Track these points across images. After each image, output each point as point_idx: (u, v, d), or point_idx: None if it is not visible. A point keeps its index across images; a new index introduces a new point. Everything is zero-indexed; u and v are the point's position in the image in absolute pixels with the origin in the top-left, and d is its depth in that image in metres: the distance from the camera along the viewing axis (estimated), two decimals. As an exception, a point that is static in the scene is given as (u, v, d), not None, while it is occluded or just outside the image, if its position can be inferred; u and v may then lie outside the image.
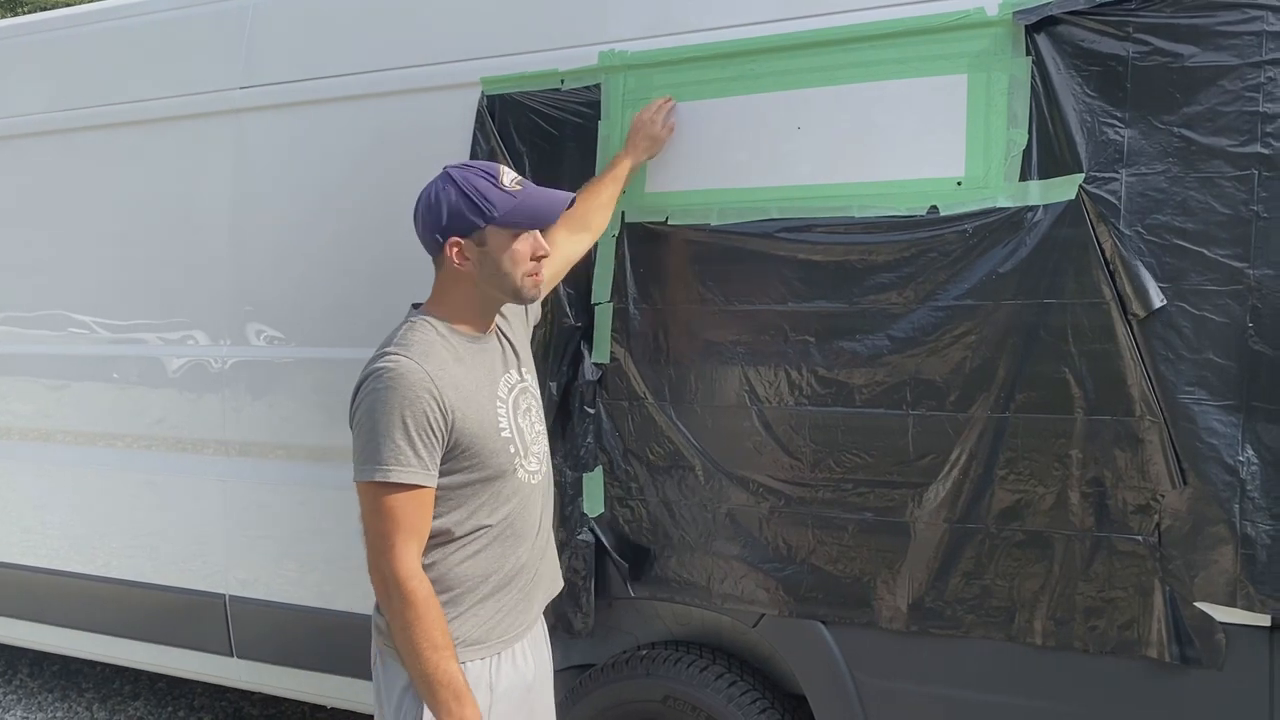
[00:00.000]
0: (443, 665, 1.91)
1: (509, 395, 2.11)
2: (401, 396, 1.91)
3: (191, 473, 3.38)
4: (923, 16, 2.34)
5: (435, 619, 1.92)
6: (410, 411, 1.91)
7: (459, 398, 1.97)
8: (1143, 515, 2.16)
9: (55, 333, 3.66)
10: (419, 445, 1.91)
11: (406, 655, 1.93)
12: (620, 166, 2.53)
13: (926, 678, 2.40)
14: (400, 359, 1.95)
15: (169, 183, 3.39)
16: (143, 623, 3.56)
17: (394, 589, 1.91)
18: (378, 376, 1.94)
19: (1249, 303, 2.06)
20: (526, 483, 2.12)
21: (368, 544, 1.95)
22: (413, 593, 1.90)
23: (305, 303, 3.16)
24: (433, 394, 1.93)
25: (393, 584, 1.91)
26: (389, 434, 1.90)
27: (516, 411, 2.12)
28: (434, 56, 2.92)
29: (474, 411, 2.00)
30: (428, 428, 1.92)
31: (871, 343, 2.37)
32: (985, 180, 2.29)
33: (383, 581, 1.92)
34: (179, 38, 3.41)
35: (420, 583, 1.92)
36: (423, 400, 1.92)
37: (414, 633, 1.90)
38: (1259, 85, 2.07)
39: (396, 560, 1.90)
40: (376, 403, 1.92)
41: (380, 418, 1.91)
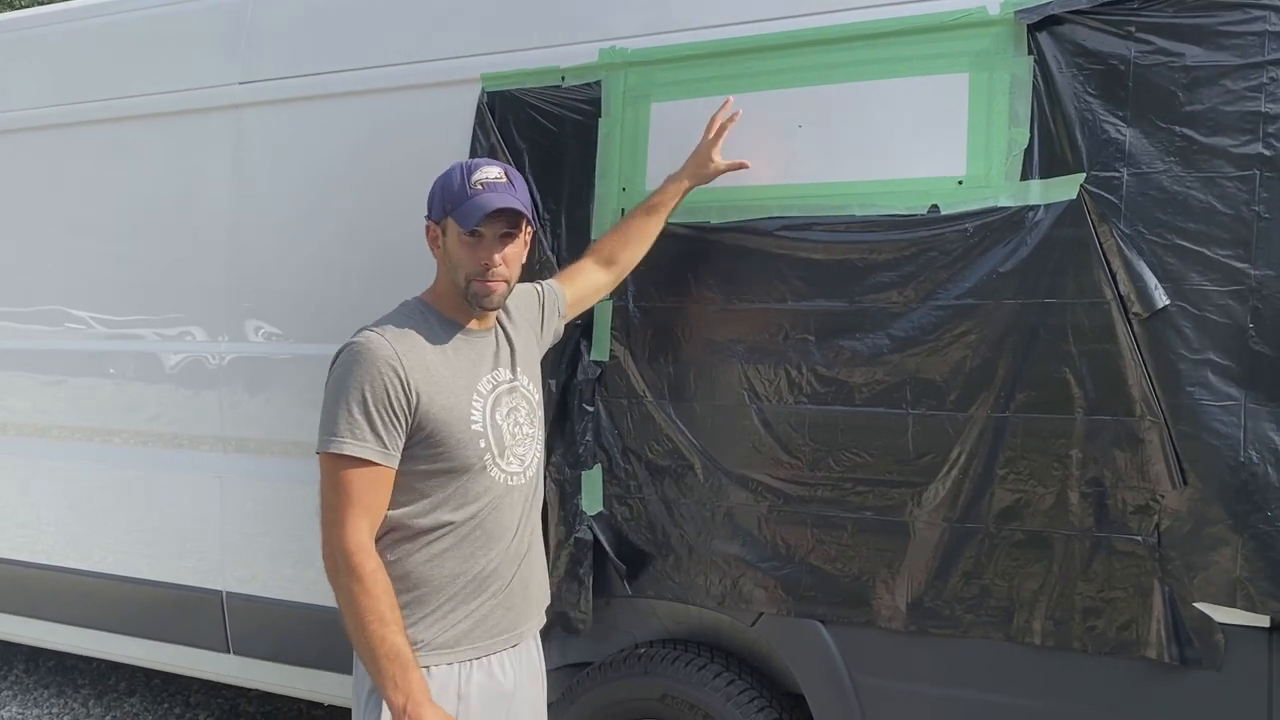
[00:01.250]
0: (389, 638, 1.87)
1: (490, 391, 2.07)
2: (365, 370, 1.91)
3: (188, 469, 3.37)
4: (924, 15, 2.34)
5: (382, 593, 1.88)
6: (370, 386, 1.90)
7: (427, 380, 1.96)
8: (1142, 515, 2.16)
9: (52, 328, 3.65)
10: (377, 421, 1.90)
11: (352, 630, 1.89)
12: (663, 196, 2.46)
13: (925, 677, 2.39)
14: (371, 334, 1.96)
15: (167, 178, 3.39)
16: (139, 619, 3.55)
17: (341, 562, 1.88)
18: (347, 350, 1.96)
19: (1250, 303, 2.06)
20: (501, 483, 2.05)
21: (321, 518, 1.93)
22: (359, 566, 1.87)
23: (303, 299, 3.15)
24: (396, 371, 1.92)
25: (340, 557, 1.88)
26: (348, 406, 1.90)
27: (496, 409, 2.07)
28: (434, 53, 2.92)
29: (442, 398, 1.97)
30: (387, 404, 1.91)
31: (872, 342, 2.36)
32: (986, 179, 2.28)
33: (330, 556, 1.90)
34: (177, 32, 3.41)
35: (367, 557, 1.89)
36: (385, 375, 1.91)
37: (359, 606, 1.87)
38: (1261, 85, 2.07)
39: (344, 534, 1.88)
40: (341, 375, 1.93)
41: (341, 390, 1.91)
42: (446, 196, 2.03)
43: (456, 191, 2.01)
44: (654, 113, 2.63)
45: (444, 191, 2.04)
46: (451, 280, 2.06)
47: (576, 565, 2.67)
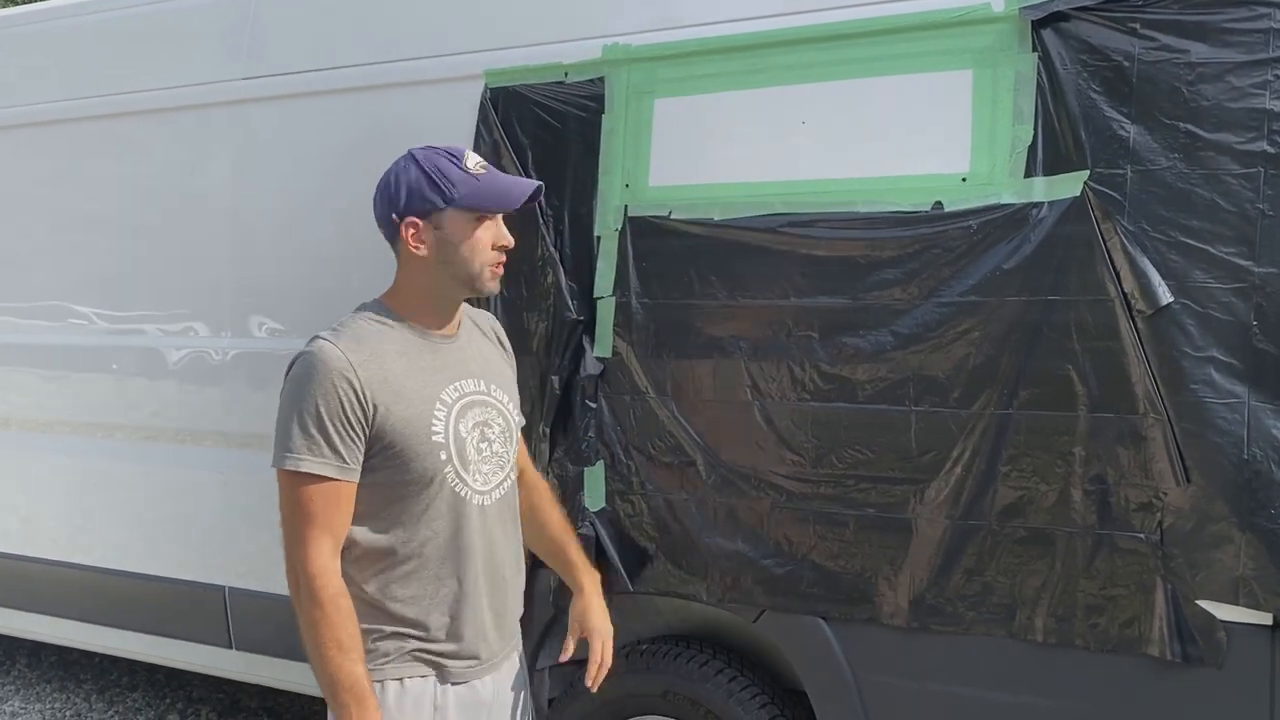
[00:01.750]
0: (346, 667, 1.80)
1: (455, 400, 1.95)
2: (318, 382, 1.81)
3: (191, 464, 3.37)
4: (929, 12, 2.34)
5: (343, 619, 1.81)
6: (324, 398, 1.81)
7: (386, 390, 1.85)
8: (1145, 513, 2.16)
9: (55, 323, 3.66)
10: (333, 435, 1.81)
11: (311, 655, 1.83)
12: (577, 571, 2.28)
13: (927, 674, 2.39)
14: (324, 344, 1.86)
15: (171, 173, 3.39)
16: (141, 614, 3.55)
17: (304, 585, 1.81)
18: (300, 360, 1.87)
19: (1254, 300, 2.06)
20: (467, 501, 1.95)
21: (283, 538, 1.86)
22: (320, 590, 1.80)
23: (307, 294, 3.15)
24: (351, 382, 1.82)
25: (301, 579, 1.81)
26: (302, 420, 1.81)
27: (460, 420, 1.95)
28: (438, 49, 2.92)
29: (402, 408, 1.87)
30: (343, 417, 1.81)
31: (875, 338, 2.36)
32: (990, 176, 2.28)
33: (293, 578, 1.83)
34: (181, 27, 3.40)
35: (329, 580, 1.81)
36: (339, 387, 1.81)
37: (319, 631, 1.80)
38: (1265, 82, 2.07)
39: (306, 555, 1.81)
40: (294, 387, 1.84)
41: (295, 402, 1.83)
42: (442, 186, 1.90)
43: (459, 178, 1.91)
44: (657, 109, 2.62)
45: (435, 181, 1.90)
46: (438, 280, 1.95)
47: None
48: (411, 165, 1.93)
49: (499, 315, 2.76)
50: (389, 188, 1.94)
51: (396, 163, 1.97)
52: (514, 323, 2.75)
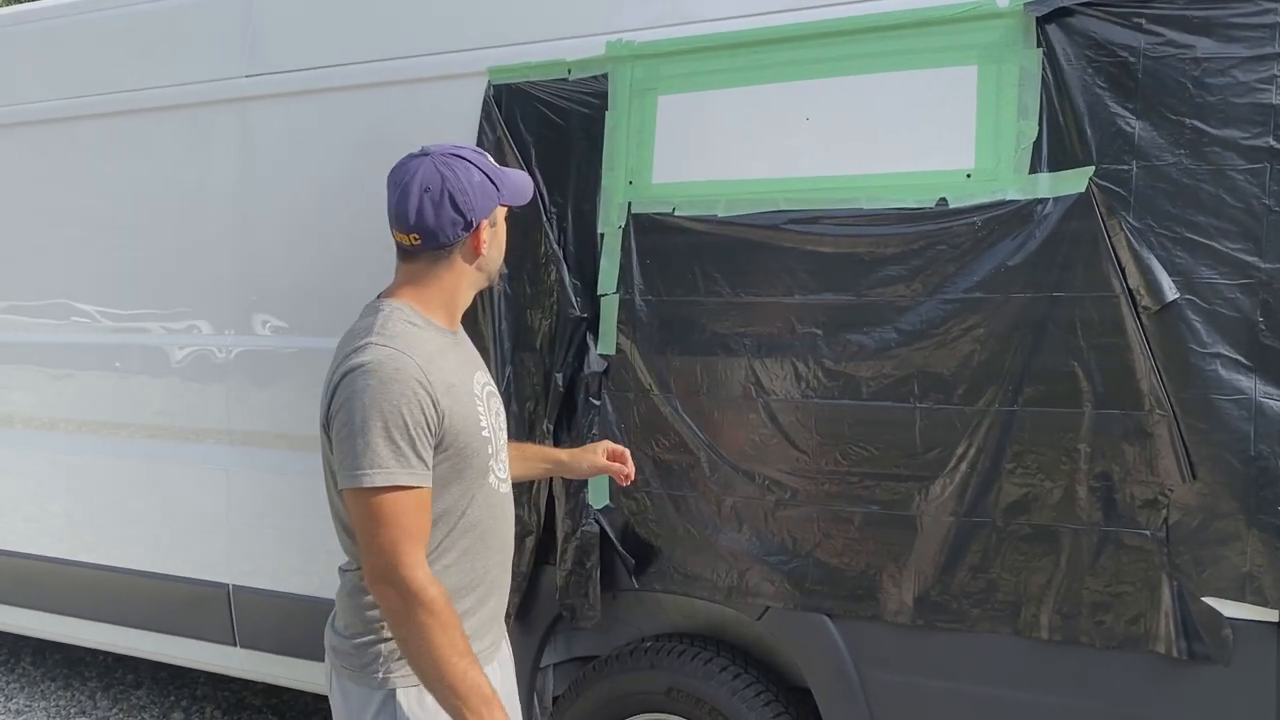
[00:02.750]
0: (471, 672, 1.76)
1: (482, 393, 1.99)
2: (397, 392, 1.77)
3: (195, 462, 3.37)
4: (933, 7, 2.33)
5: (458, 624, 1.78)
6: (408, 408, 1.77)
7: (447, 392, 1.85)
8: (1151, 510, 2.15)
9: (59, 321, 3.66)
10: (418, 444, 1.78)
11: (429, 666, 1.75)
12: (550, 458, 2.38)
13: (932, 671, 2.39)
14: (391, 351, 1.80)
15: (173, 172, 3.39)
16: (146, 612, 3.56)
17: (412, 600, 1.74)
18: (366, 372, 1.78)
19: (1260, 296, 2.05)
20: (497, 490, 1.99)
21: (370, 556, 1.78)
22: (434, 600, 1.75)
23: (310, 292, 3.15)
24: (428, 390, 1.80)
25: (410, 595, 1.74)
26: (387, 433, 1.75)
27: (490, 413, 2.00)
28: (440, 46, 2.91)
29: (460, 407, 1.88)
30: (424, 425, 1.79)
31: (879, 335, 2.36)
32: (995, 172, 2.27)
33: (398, 594, 1.75)
34: (182, 25, 3.40)
35: (439, 589, 1.77)
36: (419, 395, 1.79)
37: (439, 643, 1.74)
38: (1271, 77, 2.06)
39: (411, 568, 1.75)
40: (370, 399, 1.76)
41: (375, 415, 1.76)
42: (499, 184, 1.93)
43: (498, 170, 1.95)
44: (661, 105, 2.62)
45: (493, 181, 1.92)
46: (473, 278, 1.97)
47: (584, 558, 2.66)
48: (471, 168, 1.90)
49: (504, 313, 2.76)
50: (465, 193, 1.87)
51: (445, 167, 1.88)
52: (518, 320, 2.75)
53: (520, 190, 2.01)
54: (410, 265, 1.95)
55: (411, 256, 1.93)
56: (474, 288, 2.01)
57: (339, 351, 1.88)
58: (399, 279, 1.97)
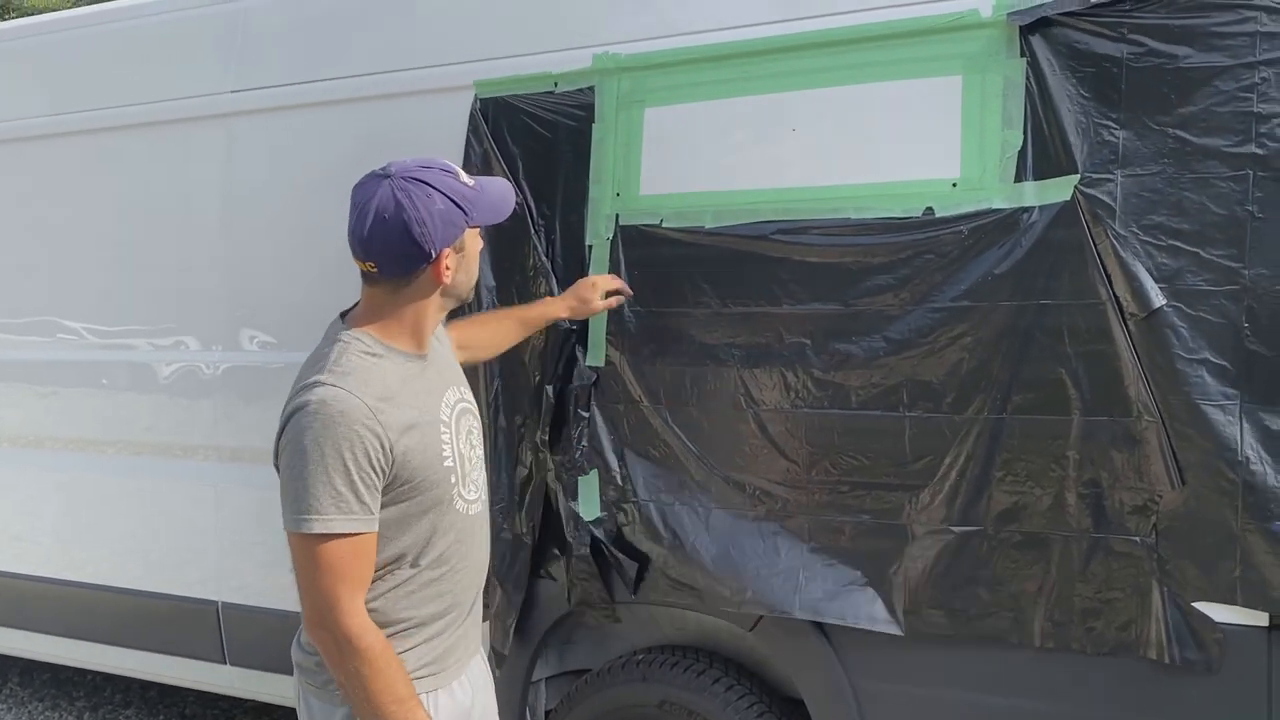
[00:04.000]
0: (412, 714, 1.76)
1: (452, 417, 1.93)
2: (340, 434, 1.71)
3: (183, 478, 3.36)
4: (917, 18, 2.34)
5: (395, 670, 1.76)
6: (352, 451, 1.71)
7: (402, 428, 1.79)
8: (1140, 516, 2.16)
9: (45, 338, 3.64)
10: (361, 488, 1.73)
11: (367, 712, 1.75)
12: (530, 312, 2.47)
13: (925, 680, 2.39)
14: (336, 391, 1.74)
15: (160, 187, 3.38)
16: (134, 630, 3.53)
17: (346, 648, 1.73)
18: (310, 412, 1.72)
19: (1245, 303, 2.06)
20: (464, 514, 1.95)
21: (307, 600, 1.76)
22: (369, 648, 1.73)
23: (297, 307, 3.14)
24: (374, 431, 1.74)
25: (345, 643, 1.73)
26: (328, 477, 1.70)
27: (459, 436, 1.94)
28: (427, 60, 2.92)
29: (417, 442, 1.82)
30: (369, 468, 1.73)
31: (868, 345, 2.36)
32: (981, 181, 2.28)
33: (333, 640, 1.74)
34: (169, 42, 3.40)
35: (375, 636, 1.75)
36: (365, 438, 1.72)
37: (374, 689, 1.73)
38: (1253, 86, 2.08)
39: (345, 615, 1.73)
40: (311, 441, 1.71)
41: (316, 458, 1.70)
42: (465, 207, 1.83)
43: (471, 197, 1.85)
44: (647, 118, 2.62)
45: (459, 205, 1.82)
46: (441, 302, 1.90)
47: (581, 570, 2.66)
48: (434, 194, 1.79)
49: None
50: (422, 224, 1.77)
51: (402, 194, 1.79)
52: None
53: (496, 206, 1.92)
54: (372, 290, 1.87)
55: (372, 281, 1.86)
56: (442, 311, 1.94)
57: (295, 382, 1.83)
58: (362, 303, 1.90)
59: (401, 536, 1.84)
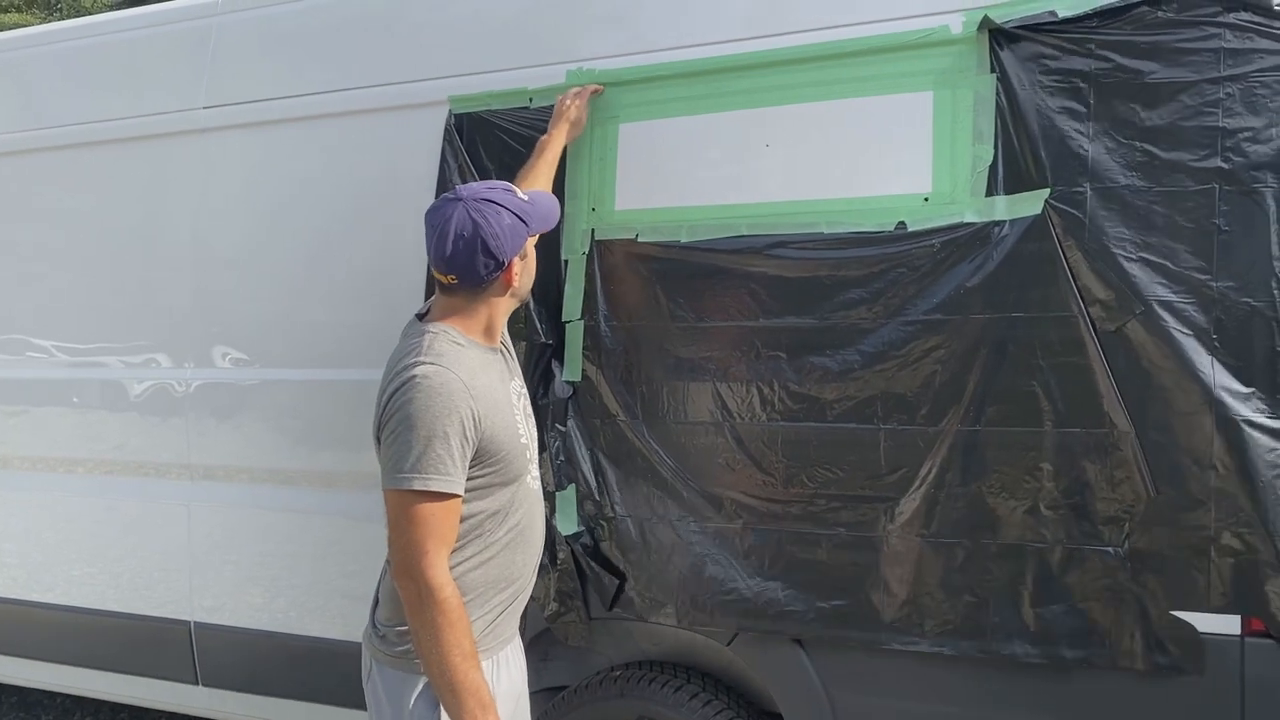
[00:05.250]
0: (471, 674, 1.92)
1: (518, 402, 2.17)
2: (443, 404, 1.93)
3: (155, 497, 3.32)
4: (888, 35, 2.37)
5: (466, 627, 1.94)
6: (451, 420, 1.93)
7: (488, 405, 2.01)
8: (1114, 526, 2.17)
9: (14, 356, 3.60)
10: (456, 455, 1.94)
11: (434, 662, 1.92)
12: (551, 150, 2.57)
13: (902, 693, 2.39)
14: (436, 367, 1.97)
15: (132, 203, 3.35)
16: (105, 651, 3.48)
17: (427, 596, 1.91)
18: (415, 385, 1.95)
19: (1213, 313, 2.09)
20: (533, 490, 2.18)
21: (398, 550, 1.95)
22: (447, 600, 1.91)
23: (270, 324, 3.13)
24: (471, 405, 1.96)
25: (426, 591, 1.91)
26: (430, 442, 1.92)
27: (526, 418, 2.18)
28: (401, 75, 2.91)
29: (500, 418, 2.04)
30: (464, 437, 1.95)
31: (842, 358, 2.37)
32: (952, 196, 2.31)
33: (415, 589, 1.92)
34: (141, 58, 3.38)
35: (453, 590, 1.93)
36: (462, 409, 1.95)
37: (445, 640, 1.90)
38: (1218, 101, 2.11)
39: (431, 567, 1.91)
40: (417, 409, 1.93)
41: (421, 425, 1.92)
42: (527, 221, 2.08)
43: (528, 209, 2.09)
44: (622, 133, 2.64)
45: (522, 219, 2.07)
46: (508, 304, 2.15)
47: (565, 586, 2.65)
48: (502, 211, 2.04)
49: None
50: (497, 238, 2.02)
51: (478, 214, 2.02)
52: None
53: (548, 215, 2.18)
54: (450, 299, 2.10)
55: (450, 291, 2.09)
56: (509, 309, 2.20)
57: (388, 370, 2.04)
58: (439, 308, 2.12)
59: (488, 502, 2.05)
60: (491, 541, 2.07)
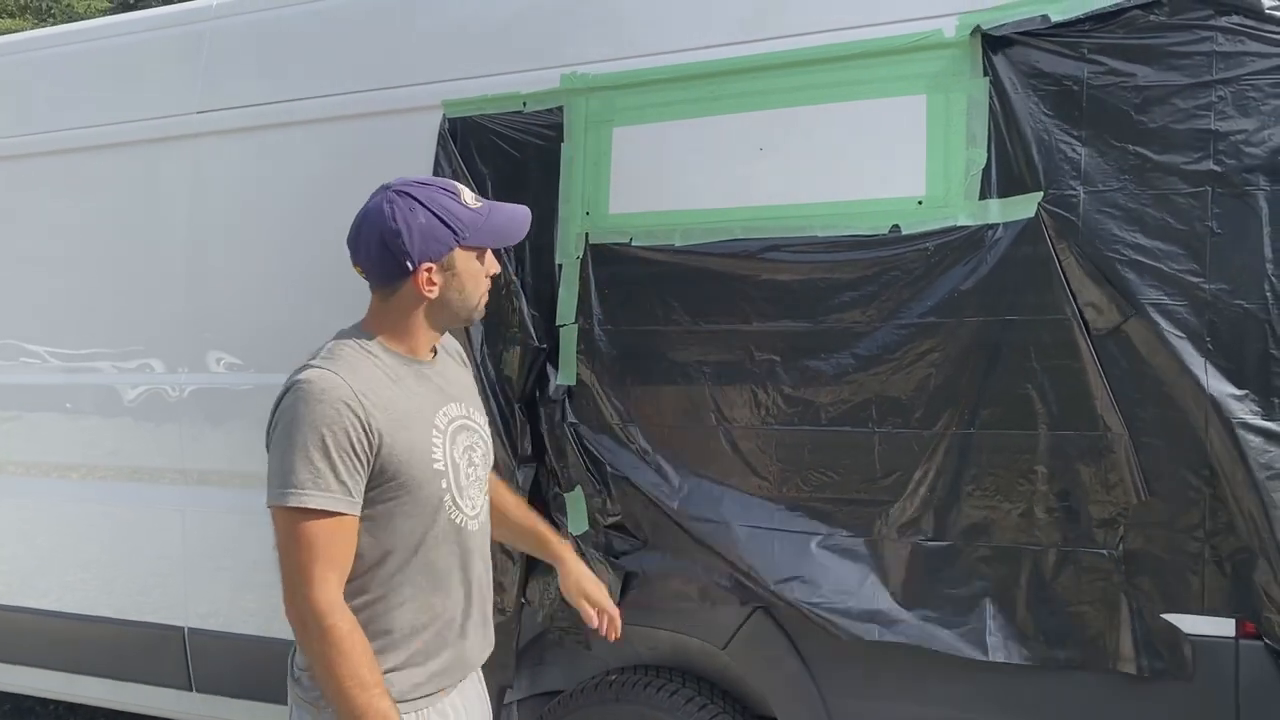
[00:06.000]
0: (374, 704, 1.72)
1: (447, 426, 1.93)
2: (323, 413, 1.74)
3: (149, 503, 3.31)
4: (882, 39, 2.37)
5: (360, 655, 1.74)
6: (331, 429, 1.73)
7: (388, 420, 1.80)
8: (1108, 528, 2.18)
9: (8, 362, 3.59)
10: (340, 468, 1.74)
11: (332, 695, 1.74)
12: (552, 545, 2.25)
13: (898, 696, 2.39)
14: (322, 371, 1.79)
15: (125, 209, 3.35)
16: (98, 658, 3.47)
17: (313, 625, 1.73)
18: (297, 391, 1.77)
19: (1206, 316, 2.09)
20: (460, 527, 1.93)
21: (284, 577, 1.76)
22: (333, 628, 1.72)
23: (264, 329, 3.12)
24: (356, 412, 1.76)
25: (311, 620, 1.73)
26: (307, 454, 1.73)
27: (454, 446, 1.93)
28: (394, 80, 2.91)
29: (404, 436, 1.83)
30: (350, 449, 1.75)
31: (836, 361, 2.38)
32: (946, 199, 2.31)
33: (300, 618, 1.74)
34: (134, 63, 3.38)
35: (342, 617, 1.74)
36: (345, 417, 1.75)
37: (339, 672, 1.72)
38: (1210, 104, 2.11)
39: (314, 593, 1.73)
40: (294, 418, 1.75)
41: (298, 435, 1.74)
42: (455, 228, 1.85)
43: (467, 218, 1.87)
44: (616, 137, 2.64)
45: (446, 223, 1.85)
46: (436, 316, 1.92)
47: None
48: (418, 208, 1.84)
49: (476, 345, 2.73)
50: (398, 235, 1.82)
51: (389, 204, 1.84)
52: (487, 350, 2.74)
53: (501, 231, 1.94)
54: (374, 300, 1.94)
55: (372, 289, 1.93)
56: (440, 323, 1.96)
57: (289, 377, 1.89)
58: (368, 310, 1.96)
59: (389, 536, 1.84)
60: (400, 581, 1.86)
